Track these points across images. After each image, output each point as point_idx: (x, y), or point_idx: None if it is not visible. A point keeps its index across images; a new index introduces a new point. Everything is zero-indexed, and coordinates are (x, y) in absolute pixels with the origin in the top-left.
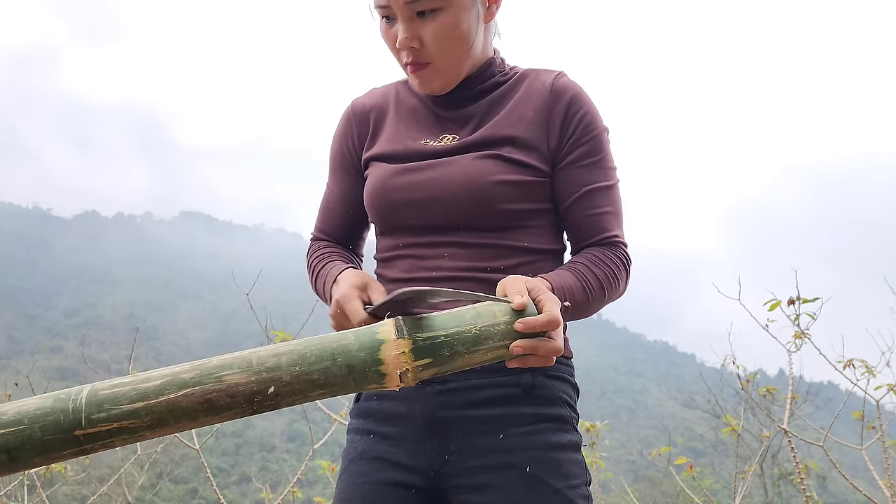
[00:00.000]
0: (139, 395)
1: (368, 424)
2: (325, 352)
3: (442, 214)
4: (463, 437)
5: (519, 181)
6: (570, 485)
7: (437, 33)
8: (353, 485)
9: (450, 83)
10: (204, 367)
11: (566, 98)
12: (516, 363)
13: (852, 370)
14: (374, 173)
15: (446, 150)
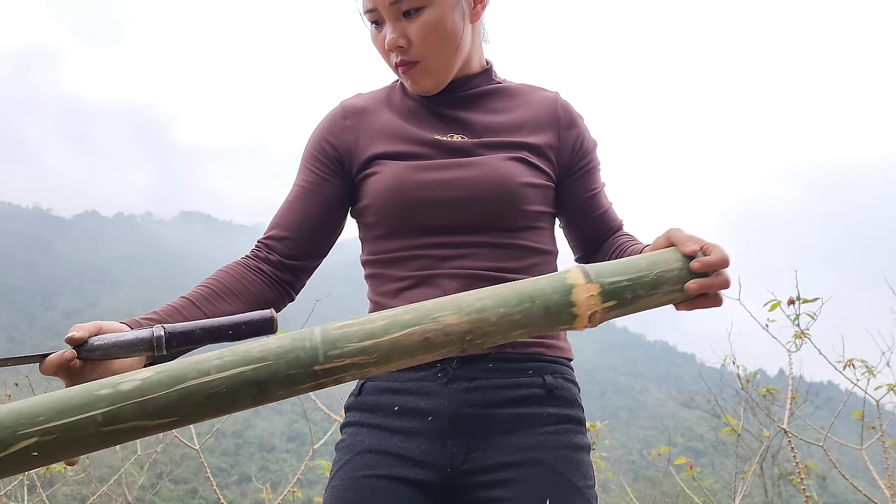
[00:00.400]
0: (367, 335)
1: (376, 419)
2: (524, 295)
3: (470, 214)
4: (489, 434)
5: (539, 184)
6: (588, 485)
7: (422, 31)
8: (357, 476)
9: (440, 81)
10: (419, 309)
11: (573, 115)
12: (686, 306)
13: (852, 370)
14: (386, 171)
15: (466, 148)
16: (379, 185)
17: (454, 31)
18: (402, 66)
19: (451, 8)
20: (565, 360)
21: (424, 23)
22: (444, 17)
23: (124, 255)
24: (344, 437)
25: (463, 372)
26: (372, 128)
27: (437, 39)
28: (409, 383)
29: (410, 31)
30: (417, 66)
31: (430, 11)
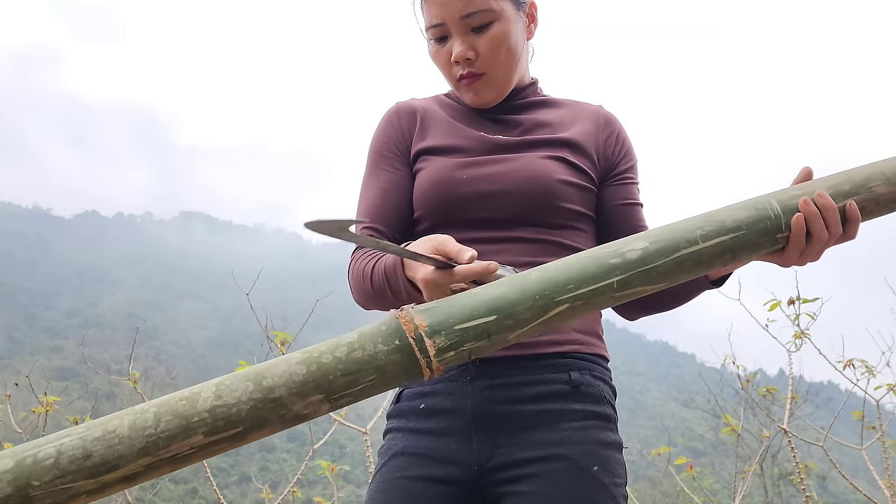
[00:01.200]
0: (832, 189)
1: (409, 423)
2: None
3: (508, 208)
4: (513, 430)
5: (577, 184)
6: (615, 482)
7: (490, 44)
8: (391, 478)
9: (501, 93)
10: (853, 177)
11: (616, 125)
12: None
13: (852, 370)
14: (431, 165)
15: (508, 145)
16: (424, 179)
17: (517, 46)
18: (468, 77)
19: (515, 24)
20: (597, 356)
21: (493, 36)
22: (509, 32)
23: (124, 255)
24: (384, 444)
25: (486, 370)
26: (426, 123)
27: (503, 53)
28: (436, 385)
29: (479, 45)
30: (482, 78)
31: (499, 26)
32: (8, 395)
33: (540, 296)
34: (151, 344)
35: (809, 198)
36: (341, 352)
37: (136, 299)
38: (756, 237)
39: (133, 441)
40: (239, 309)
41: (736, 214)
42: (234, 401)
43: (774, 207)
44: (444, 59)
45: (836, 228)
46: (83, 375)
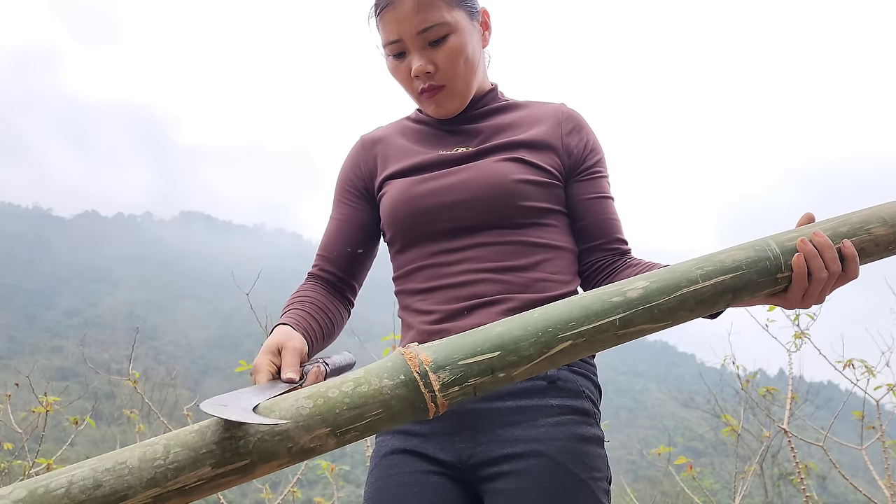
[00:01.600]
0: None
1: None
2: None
3: (468, 215)
4: (492, 427)
5: (537, 181)
6: (594, 476)
7: (448, 56)
8: (385, 476)
9: (463, 103)
10: (850, 220)
11: (578, 121)
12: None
13: (852, 370)
14: (393, 188)
15: (464, 157)
16: (388, 201)
17: (475, 56)
18: (429, 91)
19: (470, 34)
20: None
21: (451, 49)
22: (466, 43)
23: (124, 255)
24: (374, 447)
25: None
26: (386, 153)
27: (461, 64)
28: None
29: (437, 58)
30: (443, 91)
31: (455, 38)
32: (8, 395)
33: (543, 332)
34: (151, 344)
35: (806, 237)
36: (347, 387)
37: (136, 299)
38: (756, 276)
39: (142, 472)
40: (239, 309)
41: (735, 255)
42: (242, 433)
43: (773, 248)
44: (403, 75)
45: (834, 266)
46: (83, 375)
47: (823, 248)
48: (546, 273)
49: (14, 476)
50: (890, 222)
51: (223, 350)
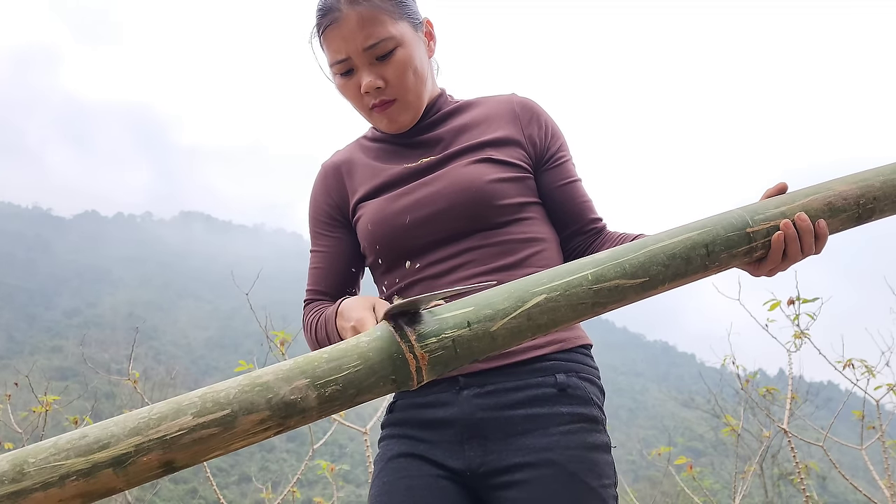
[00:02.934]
0: (781, 203)
1: (405, 430)
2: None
3: (449, 225)
4: (502, 436)
5: (510, 177)
6: (603, 484)
7: (397, 70)
8: (394, 479)
9: (416, 115)
10: (809, 188)
11: (534, 108)
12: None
13: (852, 370)
14: (367, 210)
15: (431, 166)
16: (362, 226)
17: (423, 67)
18: (380, 106)
19: (416, 45)
20: (580, 348)
21: (399, 62)
22: (413, 55)
23: (124, 255)
24: (379, 451)
25: (475, 380)
26: (352, 176)
27: (410, 76)
28: (429, 397)
29: (386, 73)
30: (395, 104)
31: (402, 51)
32: (8, 395)
33: (516, 289)
34: (151, 344)
35: (790, 220)
36: (328, 348)
37: (136, 299)
38: (724, 231)
39: (126, 423)
40: (239, 309)
41: (703, 220)
42: (224, 387)
43: (735, 210)
44: (353, 92)
45: (810, 250)
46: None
47: (804, 233)
48: (536, 267)
49: None
50: (853, 180)
51: (223, 350)
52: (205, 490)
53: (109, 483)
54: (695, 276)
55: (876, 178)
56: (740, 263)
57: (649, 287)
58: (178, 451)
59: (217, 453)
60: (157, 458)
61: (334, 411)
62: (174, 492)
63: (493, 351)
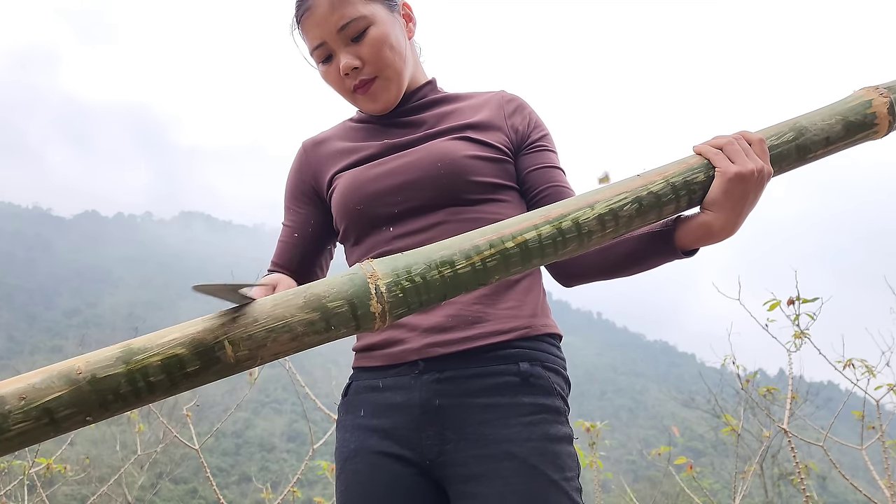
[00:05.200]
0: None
1: (357, 419)
2: (832, 113)
3: (421, 194)
4: (461, 425)
5: (486, 157)
6: (566, 477)
7: (372, 47)
8: (352, 484)
9: (398, 92)
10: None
11: (519, 102)
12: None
13: (852, 370)
14: (342, 179)
15: (411, 141)
16: (338, 192)
17: (400, 43)
18: (361, 86)
19: (391, 24)
20: (547, 336)
21: (373, 39)
22: (388, 32)
23: (124, 255)
24: (337, 440)
25: (435, 364)
26: (332, 152)
27: (387, 52)
28: (387, 379)
29: (362, 52)
30: (375, 82)
31: (375, 29)
32: None
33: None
34: None
35: (732, 137)
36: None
37: (136, 299)
38: (681, 174)
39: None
40: None
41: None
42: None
43: (696, 166)
44: (334, 76)
45: (746, 148)
46: None
47: (732, 139)
48: None
49: (14, 476)
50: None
51: None
52: (205, 490)
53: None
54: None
55: (799, 117)
56: (690, 204)
57: (610, 227)
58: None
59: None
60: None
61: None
62: (174, 492)
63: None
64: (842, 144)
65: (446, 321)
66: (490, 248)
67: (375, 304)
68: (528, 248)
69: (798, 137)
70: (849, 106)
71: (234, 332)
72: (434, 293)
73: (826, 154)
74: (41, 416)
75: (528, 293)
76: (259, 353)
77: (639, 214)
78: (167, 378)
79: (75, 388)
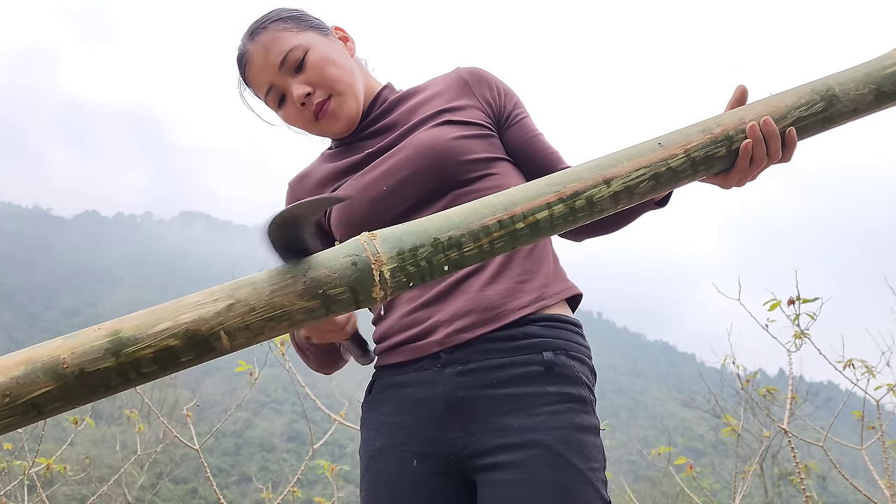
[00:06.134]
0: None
1: (381, 416)
2: (866, 80)
3: (420, 189)
4: (486, 416)
5: (472, 135)
6: (592, 467)
7: (315, 68)
8: (377, 484)
9: (357, 105)
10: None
11: (481, 73)
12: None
13: (852, 370)
14: (337, 195)
15: (392, 142)
16: (336, 211)
17: (343, 61)
18: (319, 110)
19: (327, 45)
20: (565, 320)
21: (314, 62)
22: (326, 52)
23: (124, 255)
24: (361, 440)
25: (457, 356)
26: (317, 180)
27: (331, 69)
28: (409, 374)
29: (309, 77)
30: (331, 101)
31: (313, 53)
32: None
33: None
34: None
35: (757, 124)
36: None
37: (136, 299)
38: (703, 149)
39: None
40: None
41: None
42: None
43: (720, 138)
44: (294, 113)
45: (776, 156)
46: None
47: (771, 137)
48: None
49: (14, 476)
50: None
51: None
52: (205, 490)
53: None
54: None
55: (831, 79)
56: (707, 180)
57: (620, 199)
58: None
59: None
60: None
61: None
62: (174, 492)
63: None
64: (868, 113)
65: (464, 306)
66: (500, 228)
67: (378, 290)
68: (539, 227)
69: (828, 108)
70: (884, 73)
71: (230, 321)
72: (437, 273)
73: (849, 122)
74: (28, 411)
75: (539, 263)
76: (256, 340)
77: (653, 190)
78: (160, 368)
79: (63, 384)
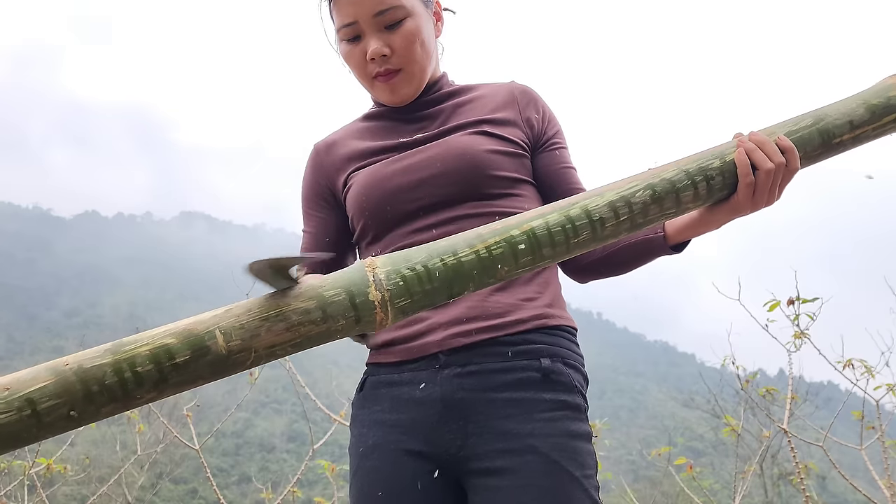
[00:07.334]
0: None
1: (375, 414)
2: (854, 98)
3: (442, 190)
4: (485, 419)
5: (505, 151)
6: (586, 474)
7: (405, 40)
8: (369, 481)
9: (418, 88)
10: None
11: (532, 95)
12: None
13: (852, 370)
14: (358, 177)
15: (428, 137)
16: (355, 190)
17: (430, 42)
18: (385, 75)
19: (426, 20)
20: (564, 329)
21: (407, 32)
22: (422, 28)
23: (124, 255)
24: (352, 437)
25: (456, 358)
26: (345, 153)
27: (417, 48)
28: (405, 374)
29: (394, 41)
30: (399, 75)
31: (411, 21)
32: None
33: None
34: None
35: (741, 133)
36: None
37: (136, 299)
38: (695, 162)
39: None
40: None
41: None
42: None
43: (710, 154)
44: (358, 59)
45: (777, 158)
46: None
47: (762, 143)
48: None
49: (14, 476)
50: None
51: None
52: (205, 490)
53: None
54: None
55: (828, 108)
56: (722, 214)
57: (612, 197)
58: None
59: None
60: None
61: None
62: (174, 492)
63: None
64: (870, 130)
65: (467, 312)
66: (494, 236)
67: (374, 291)
68: (536, 235)
69: (818, 122)
70: (871, 91)
71: (225, 321)
72: (438, 283)
73: (856, 141)
74: (23, 407)
75: (545, 286)
76: (252, 343)
77: (654, 201)
78: (155, 369)
79: (60, 378)
